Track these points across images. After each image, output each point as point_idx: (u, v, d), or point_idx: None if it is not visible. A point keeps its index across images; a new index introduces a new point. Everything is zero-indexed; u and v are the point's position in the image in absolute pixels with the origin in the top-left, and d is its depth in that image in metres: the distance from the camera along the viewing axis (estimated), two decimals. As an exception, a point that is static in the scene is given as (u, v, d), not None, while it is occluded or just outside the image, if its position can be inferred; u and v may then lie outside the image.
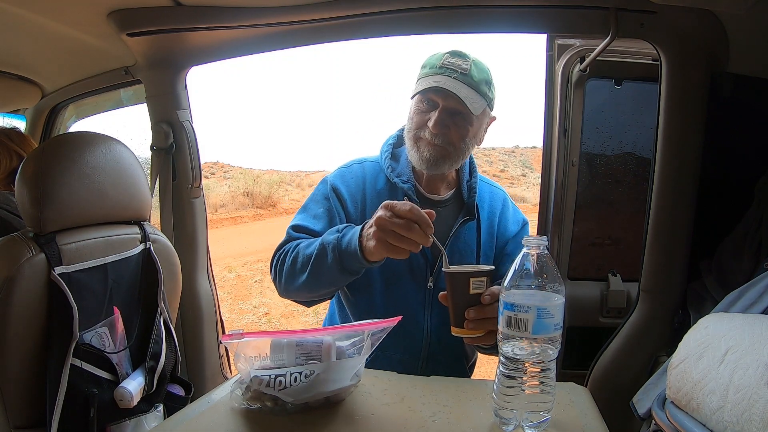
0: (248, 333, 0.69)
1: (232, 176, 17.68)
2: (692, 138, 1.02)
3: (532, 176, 21.40)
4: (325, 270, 0.90)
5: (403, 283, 1.02)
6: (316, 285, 0.94)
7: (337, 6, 1.10)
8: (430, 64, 1.00)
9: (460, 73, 0.97)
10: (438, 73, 0.97)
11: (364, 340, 0.72)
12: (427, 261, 1.03)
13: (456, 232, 1.04)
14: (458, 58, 0.99)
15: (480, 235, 1.08)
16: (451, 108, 0.97)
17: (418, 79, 1.01)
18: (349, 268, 0.89)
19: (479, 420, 0.68)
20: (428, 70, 1.00)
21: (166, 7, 1.15)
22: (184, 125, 1.39)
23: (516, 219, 1.14)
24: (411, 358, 1.03)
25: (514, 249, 1.09)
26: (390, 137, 1.13)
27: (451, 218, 1.06)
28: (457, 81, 0.96)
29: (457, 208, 1.08)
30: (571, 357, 1.32)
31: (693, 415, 0.68)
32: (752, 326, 0.69)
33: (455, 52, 1.00)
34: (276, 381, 0.67)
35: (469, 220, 1.06)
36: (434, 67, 0.99)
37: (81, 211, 0.96)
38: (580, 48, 1.28)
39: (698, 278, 1.07)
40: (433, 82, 0.96)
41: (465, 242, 1.06)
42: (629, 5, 0.99)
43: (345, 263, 0.88)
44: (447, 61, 0.98)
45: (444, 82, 0.95)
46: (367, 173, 1.08)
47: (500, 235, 1.11)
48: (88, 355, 0.91)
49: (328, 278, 0.92)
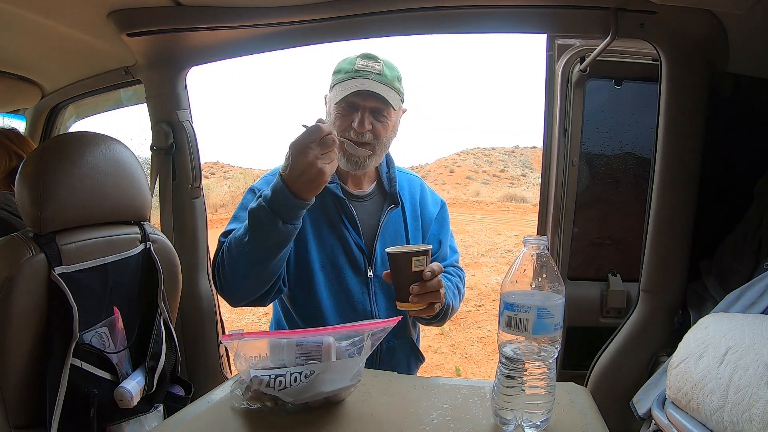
0: (248, 333, 0.69)
1: (232, 176, 17.70)
2: (692, 138, 1.03)
3: (532, 176, 21.42)
4: (266, 232, 0.90)
5: (344, 275, 1.08)
6: (262, 256, 0.92)
7: (337, 6, 1.10)
8: (344, 69, 1.05)
9: (375, 74, 1.03)
10: (354, 76, 1.03)
11: (365, 340, 0.72)
12: (364, 252, 1.10)
13: (384, 221, 1.12)
14: (370, 61, 1.05)
15: (406, 221, 1.16)
16: (372, 107, 1.03)
17: (334, 85, 1.06)
18: (284, 215, 0.89)
19: (479, 420, 0.68)
20: (343, 75, 1.04)
21: (166, 7, 1.15)
22: (184, 125, 1.39)
23: (434, 201, 1.24)
24: None
25: (438, 229, 1.21)
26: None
27: (378, 209, 1.14)
28: (374, 82, 1.02)
29: (381, 198, 1.16)
30: (571, 357, 1.32)
31: (693, 415, 0.69)
32: (752, 326, 0.69)
33: (366, 55, 1.06)
34: (276, 381, 0.67)
35: (395, 208, 1.15)
36: (349, 72, 1.04)
37: (81, 211, 0.96)
38: (580, 48, 1.28)
39: (698, 278, 1.07)
40: (354, 86, 1.01)
41: (394, 229, 1.15)
42: (629, 5, 0.99)
43: (280, 213, 0.88)
44: (360, 65, 1.04)
45: (364, 84, 1.01)
46: None
47: (424, 217, 1.20)
48: (88, 355, 0.91)
49: (273, 238, 0.90)
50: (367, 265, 1.09)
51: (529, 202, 14.90)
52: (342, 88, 1.02)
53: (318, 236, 1.07)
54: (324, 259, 1.07)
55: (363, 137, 1.03)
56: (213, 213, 12.17)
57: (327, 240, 1.08)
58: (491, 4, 1.08)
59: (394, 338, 1.11)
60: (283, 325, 1.14)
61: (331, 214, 1.09)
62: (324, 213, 1.08)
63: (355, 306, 1.08)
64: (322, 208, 1.08)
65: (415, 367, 1.19)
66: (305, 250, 1.06)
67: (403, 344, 1.14)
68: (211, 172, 20.82)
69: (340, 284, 1.07)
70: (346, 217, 1.09)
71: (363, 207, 1.13)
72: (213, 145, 42.50)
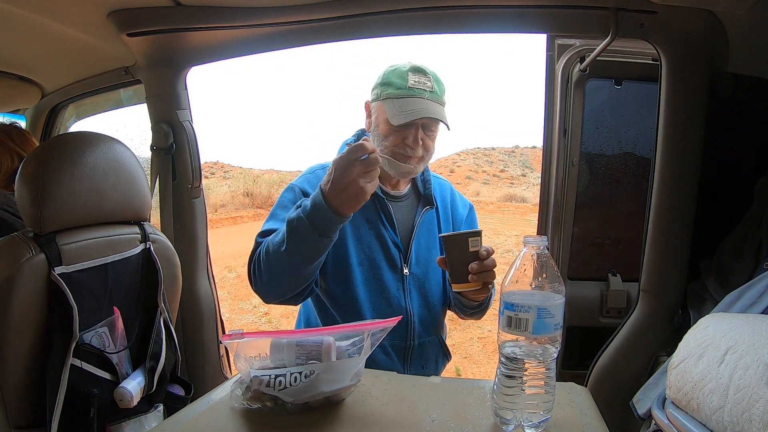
0: (248, 333, 0.69)
1: (232, 176, 17.71)
2: (692, 138, 1.03)
3: (532, 176, 21.42)
4: (302, 242, 0.92)
5: (381, 272, 1.09)
6: (298, 263, 0.95)
7: (337, 6, 1.10)
8: (395, 84, 1.04)
9: (430, 92, 1.04)
10: (408, 94, 1.03)
11: (364, 340, 0.72)
12: (400, 250, 1.12)
13: (420, 221, 1.15)
14: (421, 76, 1.05)
15: (439, 221, 1.19)
16: (424, 124, 1.06)
17: (384, 98, 1.05)
18: (321, 228, 0.91)
19: (479, 420, 0.68)
20: (395, 90, 1.04)
21: (166, 7, 1.15)
22: (184, 125, 1.39)
23: (463, 204, 1.27)
24: (401, 341, 1.09)
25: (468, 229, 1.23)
26: (347, 142, 1.16)
27: (413, 209, 1.17)
28: (431, 102, 1.04)
29: (416, 199, 1.19)
30: (571, 357, 1.32)
31: (693, 415, 0.69)
32: (752, 326, 0.69)
33: (416, 69, 1.05)
34: (276, 381, 0.67)
35: (430, 209, 1.17)
36: (402, 88, 1.04)
37: (81, 211, 0.96)
38: (580, 48, 1.28)
39: (698, 278, 1.07)
40: (413, 110, 1.02)
41: (428, 229, 1.17)
42: (629, 5, 0.99)
43: (317, 226, 0.90)
44: (413, 82, 1.04)
45: (423, 108, 1.03)
46: None
47: (455, 219, 1.22)
48: (88, 355, 0.91)
49: (308, 248, 0.93)
50: (403, 262, 1.11)
51: (529, 202, 14.91)
52: (398, 108, 1.03)
53: (356, 233, 1.09)
54: (362, 256, 1.09)
55: (415, 153, 1.06)
56: (213, 213, 12.18)
57: (365, 237, 1.10)
58: (491, 4, 1.08)
59: (426, 335, 1.13)
60: (313, 321, 1.14)
61: (369, 213, 1.10)
62: (363, 211, 1.08)
63: (390, 301, 1.09)
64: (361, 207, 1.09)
65: (442, 365, 1.20)
66: (344, 246, 1.07)
67: (434, 341, 1.15)
68: (211, 172, 20.83)
69: (376, 280, 1.09)
70: (384, 216, 1.11)
71: (399, 207, 1.15)
72: (213, 145, 42.58)
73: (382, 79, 1.07)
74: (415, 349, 1.11)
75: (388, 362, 1.07)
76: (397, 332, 1.08)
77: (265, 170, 19.03)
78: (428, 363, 1.15)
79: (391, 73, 1.07)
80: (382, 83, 1.07)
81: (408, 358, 1.10)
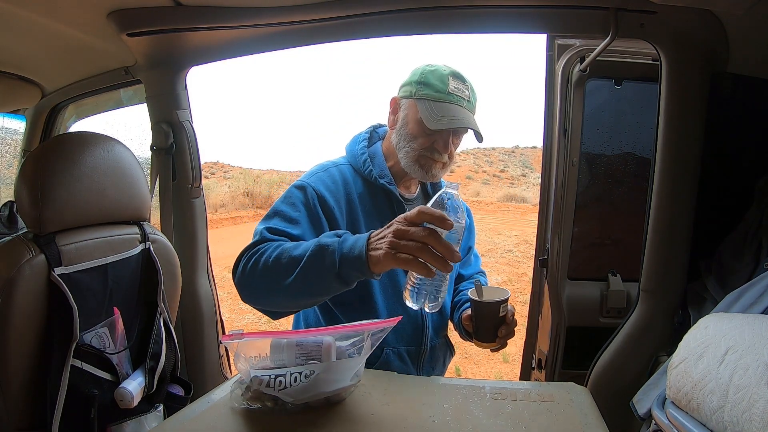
0: (248, 333, 0.69)
1: (232, 176, 17.69)
2: (692, 138, 1.02)
3: (532, 176, 21.40)
4: (319, 274, 0.82)
5: (396, 275, 1.07)
6: (301, 290, 0.85)
7: (337, 6, 1.10)
8: (435, 87, 1.02)
9: (466, 101, 1.03)
10: (447, 100, 1.01)
11: (365, 340, 0.72)
12: None
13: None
14: (460, 83, 1.03)
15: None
16: (455, 132, 1.05)
17: (420, 98, 1.02)
18: (346, 275, 0.81)
19: (479, 420, 0.68)
20: (434, 93, 1.02)
21: (166, 7, 1.15)
22: (184, 125, 1.39)
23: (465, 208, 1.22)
24: (416, 347, 1.08)
25: (468, 236, 1.24)
26: (360, 138, 1.13)
27: None
28: (467, 111, 1.03)
29: (425, 201, 1.14)
30: (571, 357, 1.32)
31: (693, 415, 0.69)
32: (752, 326, 0.69)
33: (456, 75, 1.04)
34: (276, 381, 0.67)
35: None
36: (442, 91, 1.01)
37: (80, 212, 0.96)
38: (580, 48, 1.28)
39: (698, 278, 1.07)
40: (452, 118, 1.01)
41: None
42: (629, 5, 0.99)
43: (344, 269, 0.80)
44: (453, 87, 1.02)
45: (462, 116, 1.02)
46: (347, 176, 1.08)
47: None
48: (89, 356, 0.92)
49: (319, 284, 0.84)
50: None
51: (529, 202, 14.89)
52: (435, 111, 1.00)
53: None
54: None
55: (441, 158, 1.06)
56: (213, 213, 12.17)
57: None
58: (491, 4, 1.08)
59: (437, 337, 1.12)
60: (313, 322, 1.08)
61: (385, 215, 1.07)
62: (378, 213, 1.06)
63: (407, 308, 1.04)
64: (376, 207, 1.07)
65: (449, 361, 1.21)
66: None
67: (443, 343, 1.16)
68: (211, 172, 20.82)
69: (393, 287, 1.06)
70: None
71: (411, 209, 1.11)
72: (213, 145, 42.54)
73: (420, 78, 1.04)
74: (427, 352, 1.10)
75: (403, 368, 1.05)
76: (413, 338, 1.07)
77: (265, 170, 19.03)
78: (437, 363, 1.14)
79: (431, 73, 1.03)
80: (420, 82, 1.03)
81: (421, 362, 1.09)
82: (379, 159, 1.10)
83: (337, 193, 1.04)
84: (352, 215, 1.04)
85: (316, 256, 0.82)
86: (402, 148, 1.06)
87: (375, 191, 1.07)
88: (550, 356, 1.34)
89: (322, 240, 0.84)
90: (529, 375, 1.46)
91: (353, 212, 1.04)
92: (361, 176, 1.08)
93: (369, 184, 1.08)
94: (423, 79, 1.03)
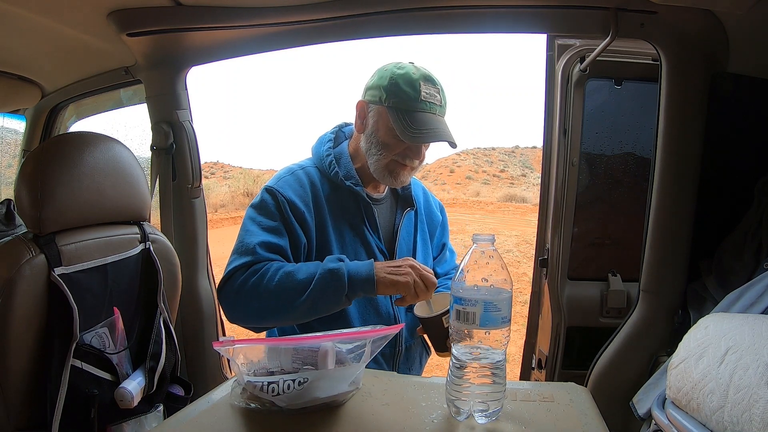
0: (240, 340, 0.68)
1: (232, 176, 17.71)
2: (692, 138, 1.02)
3: (532, 176, 21.41)
4: (329, 296, 0.93)
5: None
6: (308, 312, 0.95)
7: (337, 6, 1.10)
8: (407, 96, 0.98)
9: (438, 106, 1.01)
10: (420, 109, 0.98)
11: (365, 347, 0.71)
12: (385, 255, 1.10)
13: (402, 224, 1.13)
14: (431, 86, 1.00)
15: (416, 224, 1.17)
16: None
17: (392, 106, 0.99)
18: (352, 295, 0.94)
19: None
20: (407, 102, 0.98)
21: (166, 7, 1.15)
22: (184, 125, 1.39)
23: (436, 204, 1.26)
24: (390, 348, 1.09)
25: (441, 233, 1.26)
26: (325, 139, 1.12)
27: (392, 211, 1.15)
28: (440, 119, 1.02)
29: (394, 201, 1.16)
30: (571, 357, 1.32)
31: (693, 415, 0.69)
32: (752, 326, 0.69)
33: (427, 78, 1.00)
34: (269, 387, 0.66)
35: (410, 210, 1.16)
36: (414, 100, 0.98)
37: (80, 212, 0.95)
38: (580, 48, 1.28)
39: (698, 278, 1.07)
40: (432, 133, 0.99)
41: (407, 231, 1.15)
42: (629, 5, 0.99)
43: (352, 291, 0.93)
44: (425, 94, 0.99)
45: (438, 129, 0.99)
46: (313, 178, 1.07)
47: (431, 221, 1.22)
48: (89, 356, 0.91)
49: (328, 304, 0.95)
50: None
51: (529, 202, 14.90)
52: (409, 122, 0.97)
53: (339, 237, 1.05)
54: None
55: (412, 163, 1.05)
56: (213, 213, 12.17)
57: (350, 244, 1.06)
58: (491, 4, 1.08)
59: (411, 339, 1.12)
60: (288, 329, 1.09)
61: (353, 217, 1.07)
62: (346, 214, 1.06)
63: (378, 310, 1.07)
64: (343, 209, 1.06)
65: (425, 361, 1.21)
66: (327, 251, 1.03)
67: (417, 343, 1.15)
68: (211, 172, 20.84)
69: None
70: (368, 221, 1.08)
71: (381, 210, 1.12)
72: (213, 145, 42.61)
73: (389, 83, 0.99)
74: (402, 354, 1.10)
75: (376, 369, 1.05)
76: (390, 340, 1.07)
77: (265, 170, 19.04)
78: (414, 364, 1.14)
79: (400, 78, 0.99)
80: (389, 88, 0.99)
81: (396, 363, 1.10)
82: (345, 160, 1.08)
83: (305, 196, 1.03)
84: (320, 217, 1.04)
85: (328, 280, 0.93)
86: (373, 155, 1.04)
87: (342, 193, 1.07)
88: (550, 356, 1.34)
89: (330, 266, 0.94)
90: (529, 375, 1.46)
91: (321, 214, 1.04)
92: (327, 178, 1.07)
93: (335, 186, 1.07)
94: (392, 86, 0.99)
